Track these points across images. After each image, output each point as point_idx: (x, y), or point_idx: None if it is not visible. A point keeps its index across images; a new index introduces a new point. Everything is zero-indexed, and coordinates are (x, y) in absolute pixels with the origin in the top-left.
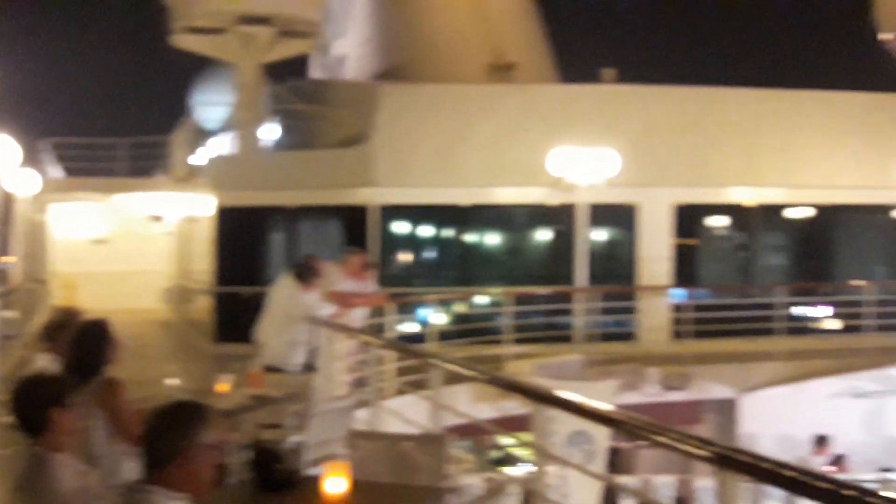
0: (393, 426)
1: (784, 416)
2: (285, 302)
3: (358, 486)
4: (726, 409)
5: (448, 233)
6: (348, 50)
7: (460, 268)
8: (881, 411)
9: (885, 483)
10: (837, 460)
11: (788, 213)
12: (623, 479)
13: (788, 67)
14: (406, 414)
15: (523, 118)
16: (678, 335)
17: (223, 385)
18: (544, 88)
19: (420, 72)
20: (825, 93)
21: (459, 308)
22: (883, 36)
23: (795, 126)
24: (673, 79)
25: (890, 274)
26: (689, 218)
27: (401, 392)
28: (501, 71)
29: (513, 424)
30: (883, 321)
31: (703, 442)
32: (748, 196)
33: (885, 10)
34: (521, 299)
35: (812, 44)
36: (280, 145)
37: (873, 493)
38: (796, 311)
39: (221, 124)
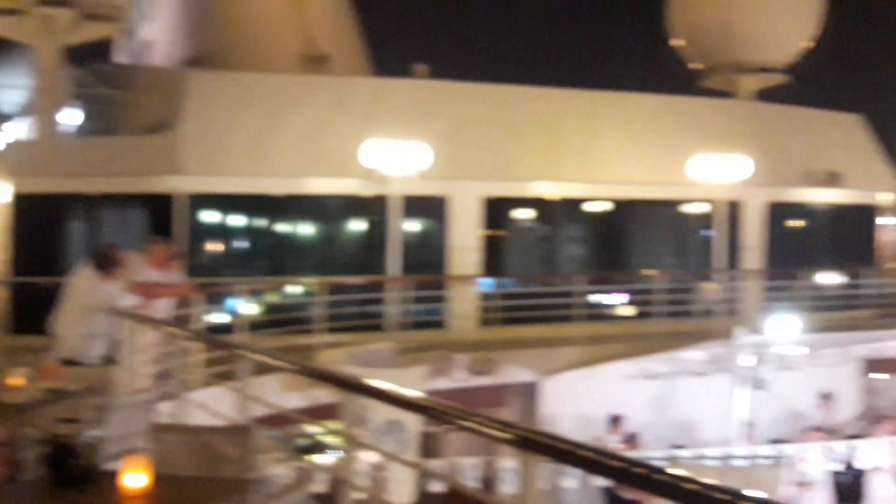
0: (199, 418)
1: (582, 397)
2: (84, 292)
3: (160, 479)
4: (529, 392)
5: (260, 222)
6: (156, 35)
7: (272, 258)
8: (671, 392)
9: (673, 460)
10: (630, 438)
11: (588, 207)
12: (432, 464)
13: (590, 69)
14: (213, 405)
15: (336, 109)
16: (486, 322)
17: (16, 378)
18: (357, 81)
19: (231, 60)
20: (623, 94)
21: (271, 298)
22: (674, 42)
23: (595, 125)
24: (483, 76)
25: (679, 264)
26: (496, 210)
27: (208, 384)
28: (314, 62)
29: (324, 413)
30: (672, 308)
31: (506, 425)
32: (551, 190)
33: (676, 17)
34: (334, 289)
35: (612, 47)
36: (82, 131)
37: (661, 471)
38: (594, 298)
39: (19, 108)
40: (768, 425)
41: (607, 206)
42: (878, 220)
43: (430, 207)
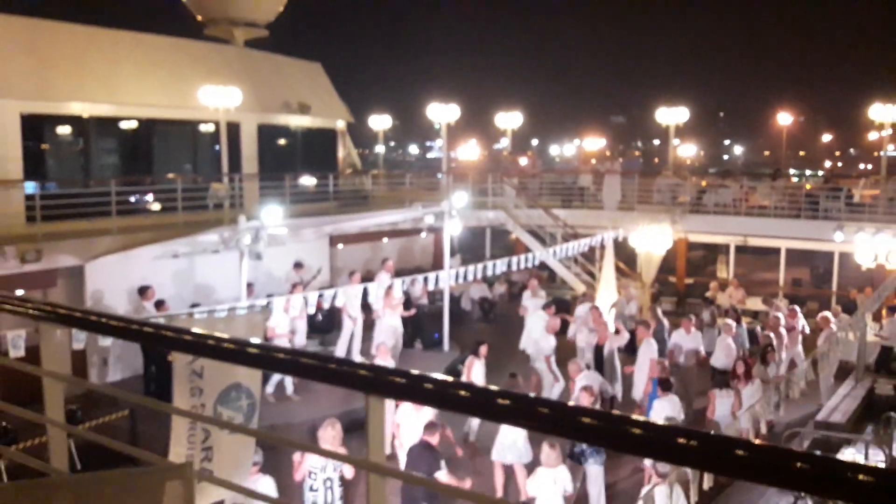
0: None
1: (121, 276)
2: None
3: None
4: (76, 274)
5: None
6: None
7: None
8: (192, 267)
9: (191, 315)
10: (159, 304)
11: (119, 125)
12: None
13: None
14: None
15: None
16: (31, 219)
17: None
18: None
19: None
20: (141, 34)
21: None
22: None
23: (120, 57)
24: (16, 11)
25: (195, 170)
26: (36, 125)
27: None
28: None
29: None
30: (188, 203)
31: (24, 300)
32: (86, 110)
33: None
34: None
35: None
36: None
37: (185, 331)
38: (129, 198)
39: None
40: (265, 285)
41: (135, 125)
42: (338, 140)
43: None
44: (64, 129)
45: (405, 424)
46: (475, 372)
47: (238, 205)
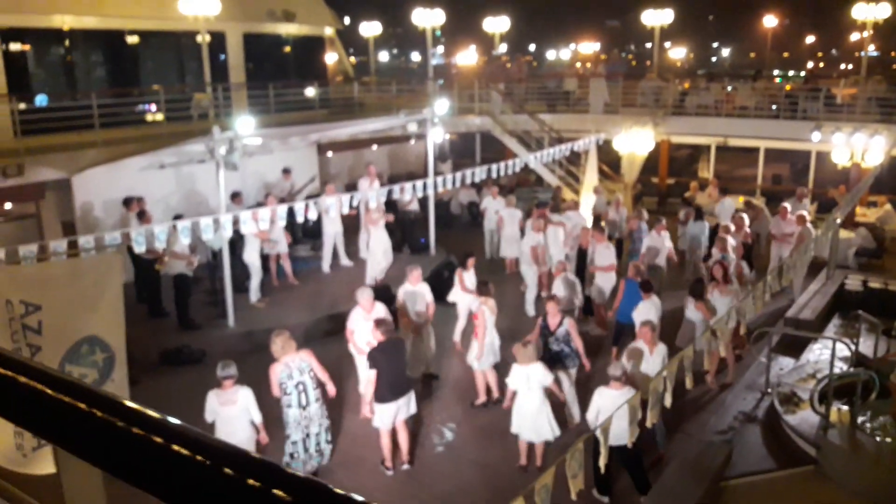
0: None
1: (108, 187)
2: None
3: None
4: (64, 187)
5: None
6: None
7: None
8: (179, 177)
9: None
10: (141, 215)
11: (104, 36)
12: None
13: None
14: None
15: None
16: (17, 133)
17: None
18: None
19: None
20: None
21: None
22: None
23: None
24: None
25: (180, 79)
26: (18, 39)
27: None
28: None
29: None
30: (174, 114)
31: None
32: (67, 22)
33: None
34: None
35: None
36: None
37: None
38: (115, 109)
39: None
40: (259, 192)
41: (120, 37)
42: (326, 48)
43: None
44: (46, 43)
45: (358, 330)
46: (467, 281)
47: (225, 115)
